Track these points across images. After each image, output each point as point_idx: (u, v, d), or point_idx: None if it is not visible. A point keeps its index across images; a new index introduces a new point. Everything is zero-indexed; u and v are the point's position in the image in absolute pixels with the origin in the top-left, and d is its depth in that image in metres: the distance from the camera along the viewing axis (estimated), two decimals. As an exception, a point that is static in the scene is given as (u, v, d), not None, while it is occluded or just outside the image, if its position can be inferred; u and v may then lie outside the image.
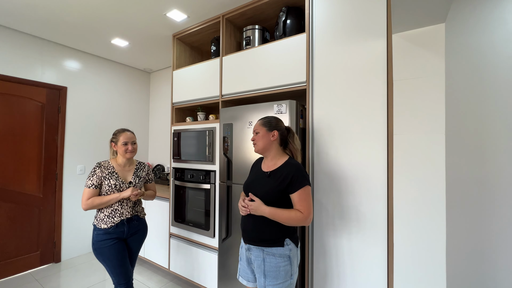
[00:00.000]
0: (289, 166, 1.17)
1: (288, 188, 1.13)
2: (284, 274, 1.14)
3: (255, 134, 1.26)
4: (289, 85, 1.66)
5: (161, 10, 2.08)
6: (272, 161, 1.24)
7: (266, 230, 1.16)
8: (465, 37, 0.92)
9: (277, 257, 1.14)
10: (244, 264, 1.27)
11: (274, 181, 1.16)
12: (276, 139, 1.23)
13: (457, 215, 1.01)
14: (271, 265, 1.14)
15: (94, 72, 3.03)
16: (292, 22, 1.77)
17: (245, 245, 1.25)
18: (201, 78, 2.22)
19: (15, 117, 2.41)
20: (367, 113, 1.35)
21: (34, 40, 2.54)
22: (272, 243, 1.15)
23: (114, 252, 1.47)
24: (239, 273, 1.31)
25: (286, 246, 1.15)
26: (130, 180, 1.59)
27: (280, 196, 1.15)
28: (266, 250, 1.16)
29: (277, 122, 1.27)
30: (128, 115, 3.40)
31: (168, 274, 2.47)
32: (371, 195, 1.32)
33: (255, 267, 1.19)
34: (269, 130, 1.23)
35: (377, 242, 1.29)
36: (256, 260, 1.18)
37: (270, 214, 1.12)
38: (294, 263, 1.17)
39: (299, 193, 1.12)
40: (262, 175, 1.24)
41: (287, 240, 1.16)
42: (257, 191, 1.20)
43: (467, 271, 0.92)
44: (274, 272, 1.13)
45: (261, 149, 1.24)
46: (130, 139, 1.59)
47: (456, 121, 1.01)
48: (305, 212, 1.10)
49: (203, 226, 2.06)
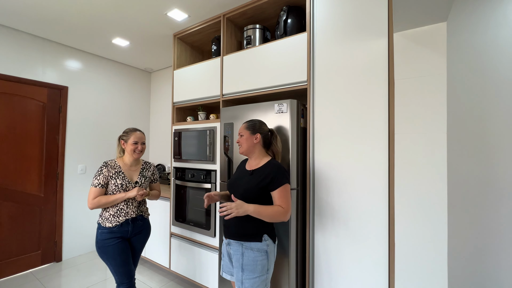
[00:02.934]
0: (271, 166, 1.25)
1: (269, 186, 1.21)
2: (261, 268, 1.20)
3: (240, 136, 1.33)
4: (290, 84, 1.66)
5: (162, 10, 2.08)
6: (255, 161, 1.32)
7: (245, 226, 1.23)
8: (467, 36, 0.91)
9: (255, 251, 1.20)
10: (226, 260, 1.33)
11: (256, 178, 1.24)
12: (259, 141, 1.31)
13: (459, 215, 1.01)
14: (249, 259, 1.20)
15: (95, 72, 3.04)
16: (293, 21, 1.77)
17: (225, 240, 1.31)
18: (201, 78, 2.22)
19: (17, 117, 2.42)
20: (368, 112, 1.34)
21: (35, 40, 2.54)
22: (251, 238, 1.22)
23: (117, 251, 1.48)
24: (222, 269, 1.36)
25: (264, 242, 1.22)
26: (136, 180, 1.60)
27: (260, 193, 1.22)
28: (245, 245, 1.22)
29: (260, 125, 1.34)
30: (129, 115, 3.40)
31: (169, 273, 2.48)
32: (372, 195, 1.31)
33: (234, 261, 1.25)
34: (252, 133, 1.31)
35: (378, 242, 1.29)
36: (235, 254, 1.24)
37: (254, 211, 1.16)
38: (270, 258, 1.24)
39: (279, 191, 1.19)
40: (245, 173, 1.32)
41: (265, 235, 1.23)
42: (239, 188, 1.27)
43: (468, 271, 0.91)
44: (251, 265, 1.19)
45: (245, 150, 1.32)
46: (140, 139, 1.60)
47: (458, 121, 1.01)
48: (285, 207, 1.18)
49: (204, 226, 2.07)
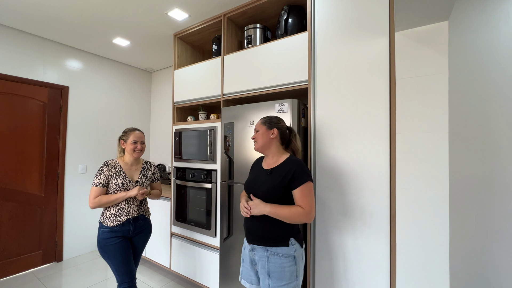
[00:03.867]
0: (291, 162, 1.15)
1: (290, 184, 1.11)
2: (289, 275, 1.10)
3: (255, 132, 1.27)
4: (290, 84, 1.65)
5: (162, 9, 2.08)
6: (273, 158, 1.23)
7: (270, 229, 1.13)
8: (469, 35, 0.91)
9: (282, 257, 1.11)
10: (247, 266, 1.23)
11: (276, 177, 1.14)
12: (276, 137, 1.22)
13: (461, 214, 1.00)
14: (276, 266, 1.10)
15: (95, 72, 3.04)
16: (294, 20, 1.77)
17: (249, 245, 1.22)
18: (202, 77, 2.22)
19: (17, 117, 2.42)
20: (369, 111, 1.34)
21: (36, 39, 2.55)
22: (277, 242, 1.12)
23: (119, 251, 1.48)
24: (241, 275, 1.27)
25: (291, 246, 1.12)
26: (137, 179, 1.60)
27: (281, 193, 1.13)
28: (270, 250, 1.13)
29: (277, 121, 1.26)
30: (129, 115, 3.40)
31: (170, 273, 2.47)
32: (373, 194, 1.31)
33: (259, 268, 1.16)
34: (269, 128, 1.23)
35: (380, 241, 1.29)
36: (261, 261, 1.15)
37: (271, 211, 1.09)
38: (299, 264, 1.13)
39: (301, 189, 1.10)
40: (263, 172, 1.23)
41: (291, 239, 1.13)
42: (258, 189, 1.18)
43: (470, 270, 0.91)
44: (278, 273, 1.10)
45: (260, 146, 1.23)
46: (139, 139, 1.60)
47: (460, 120, 1.00)
48: (306, 208, 1.08)
49: (205, 226, 2.06)
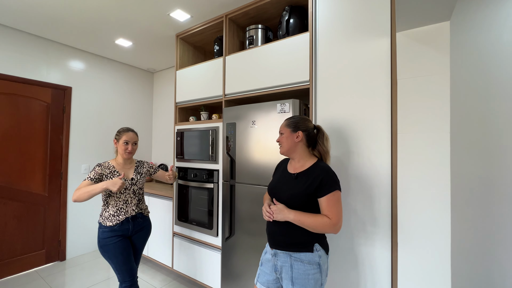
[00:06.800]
0: (319, 169, 1.09)
1: (316, 192, 1.05)
2: (314, 283, 1.04)
3: (280, 135, 1.21)
4: (292, 84, 1.66)
5: (164, 10, 2.09)
6: (299, 162, 1.16)
7: (293, 234, 1.08)
8: (470, 35, 0.91)
9: (306, 264, 1.05)
10: (266, 270, 1.19)
11: (301, 184, 1.09)
12: (301, 140, 1.15)
13: (462, 214, 1.00)
14: (299, 272, 1.05)
15: (98, 72, 3.06)
16: (295, 21, 1.77)
17: (271, 250, 1.16)
18: (204, 78, 2.23)
19: (21, 117, 2.44)
20: (370, 112, 1.34)
21: (39, 40, 2.57)
22: (300, 247, 1.06)
23: (119, 250, 1.50)
24: (257, 278, 1.21)
25: (315, 252, 1.06)
26: (132, 177, 1.62)
27: (306, 200, 1.07)
28: (293, 256, 1.07)
29: (303, 122, 1.18)
30: (131, 115, 3.43)
31: (172, 272, 2.49)
32: (374, 194, 1.31)
33: (283, 274, 1.10)
34: (294, 131, 1.16)
35: (381, 240, 1.29)
36: (284, 266, 1.09)
37: (294, 219, 1.03)
38: (324, 271, 1.07)
39: (328, 198, 1.03)
40: (288, 177, 1.16)
41: (316, 245, 1.07)
42: (282, 194, 1.13)
43: (472, 269, 0.91)
44: (302, 279, 1.04)
45: (286, 151, 1.17)
46: (131, 140, 1.60)
47: (461, 120, 1.00)
48: (333, 219, 1.00)
49: (207, 225, 2.07)
